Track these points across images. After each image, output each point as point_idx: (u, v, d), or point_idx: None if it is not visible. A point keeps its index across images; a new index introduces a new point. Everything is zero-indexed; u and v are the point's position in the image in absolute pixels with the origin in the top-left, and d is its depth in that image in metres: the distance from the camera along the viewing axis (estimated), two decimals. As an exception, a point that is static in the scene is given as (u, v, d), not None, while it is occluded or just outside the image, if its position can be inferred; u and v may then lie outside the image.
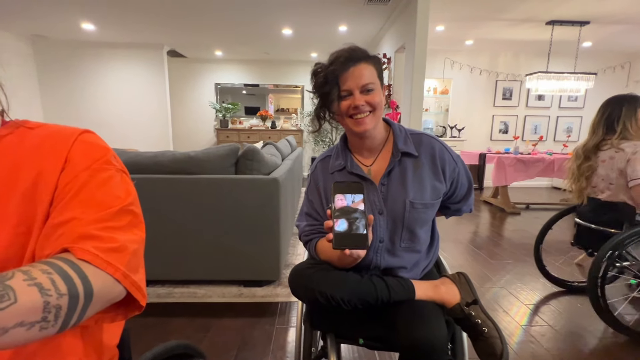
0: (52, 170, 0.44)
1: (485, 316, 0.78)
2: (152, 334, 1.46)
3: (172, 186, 1.73)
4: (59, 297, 0.33)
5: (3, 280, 0.32)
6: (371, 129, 0.81)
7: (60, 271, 0.35)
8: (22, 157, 0.45)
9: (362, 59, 0.77)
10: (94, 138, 0.49)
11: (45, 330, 0.33)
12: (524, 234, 2.97)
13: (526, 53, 5.13)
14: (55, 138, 0.46)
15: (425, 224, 0.85)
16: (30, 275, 0.33)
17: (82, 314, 0.36)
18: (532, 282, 2.03)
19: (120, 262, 0.41)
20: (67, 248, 0.39)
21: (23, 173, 0.44)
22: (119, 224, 0.44)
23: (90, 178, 0.44)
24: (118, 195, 0.46)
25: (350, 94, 0.78)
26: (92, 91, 5.06)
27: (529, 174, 3.77)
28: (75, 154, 0.46)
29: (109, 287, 0.39)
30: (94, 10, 3.57)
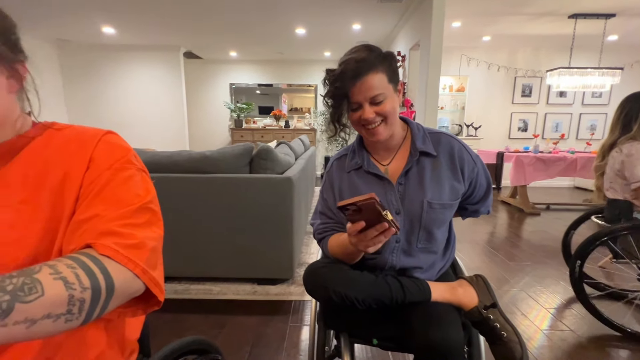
0: (78, 169, 0.46)
1: (504, 320, 0.76)
2: (169, 329, 1.50)
3: (188, 185, 1.76)
4: (82, 290, 0.35)
5: (31, 273, 0.33)
6: (388, 136, 0.80)
7: (83, 266, 0.37)
8: (51, 157, 0.47)
9: (370, 68, 0.72)
10: (116, 139, 0.51)
11: (70, 322, 0.34)
12: (544, 235, 2.87)
13: (547, 48, 4.96)
14: (80, 139, 0.49)
15: (442, 225, 0.83)
16: (56, 270, 0.35)
17: (104, 307, 0.37)
18: (553, 284, 1.96)
19: (139, 259, 0.42)
20: (90, 244, 0.41)
21: (52, 172, 0.46)
22: (139, 221, 0.45)
23: (112, 177, 0.46)
24: (138, 193, 0.47)
25: (360, 106, 0.76)
26: (112, 93, 5.23)
27: (550, 174, 3.65)
28: (99, 154, 0.48)
29: (129, 282, 0.40)
30: (115, 14, 3.68)
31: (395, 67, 0.79)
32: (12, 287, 0.31)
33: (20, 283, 0.32)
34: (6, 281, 0.32)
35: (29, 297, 0.32)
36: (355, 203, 0.60)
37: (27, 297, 0.31)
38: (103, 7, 3.47)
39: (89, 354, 0.49)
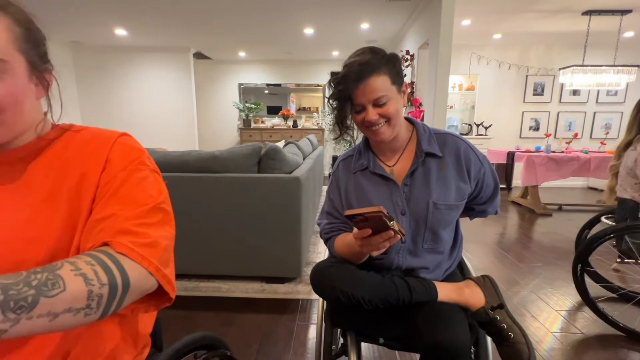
0: (95, 170, 0.48)
1: (511, 321, 0.75)
2: (180, 325, 1.53)
3: (197, 184, 1.79)
4: (100, 286, 0.37)
5: (53, 269, 0.35)
6: (391, 136, 0.81)
7: (101, 263, 0.39)
8: (70, 158, 0.49)
9: (373, 71, 0.73)
10: (131, 140, 0.53)
11: (88, 316, 0.36)
12: (556, 237, 2.82)
13: (560, 46, 4.86)
14: (97, 141, 0.51)
15: (448, 225, 0.83)
16: (77, 266, 0.37)
17: (120, 302, 0.39)
18: (564, 287, 1.93)
19: (153, 257, 0.44)
20: (107, 242, 0.43)
21: (70, 172, 0.48)
22: (152, 221, 0.47)
23: (127, 177, 0.48)
24: (151, 193, 0.49)
25: (363, 108, 0.77)
26: (124, 93, 5.33)
27: (562, 174, 3.58)
28: (114, 156, 0.50)
29: (143, 279, 0.42)
30: (127, 16, 3.75)
31: (399, 69, 0.79)
32: (37, 282, 0.33)
33: (44, 278, 0.34)
34: (31, 276, 0.33)
35: (52, 291, 0.33)
36: (363, 214, 0.61)
37: (51, 292, 0.33)
38: (116, 10, 3.54)
39: (105, 346, 0.51)
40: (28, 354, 0.45)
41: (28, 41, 0.45)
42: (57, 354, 0.46)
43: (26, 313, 0.32)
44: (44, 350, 0.45)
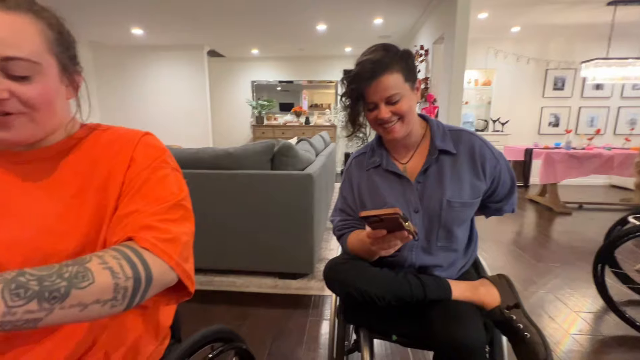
0: (120, 168, 0.51)
1: (528, 321, 0.74)
2: (195, 318, 1.57)
3: (212, 181, 1.82)
4: (126, 279, 0.39)
5: (83, 263, 0.38)
6: (405, 134, 0.80)
7: (127, 258, 0.41)
8: (97, 156, 0.52)
9: (386, 69, 0.73)
10: (153, 140, 0.56)
11: (114, 307, 0.39)
12: (576, 236, 2.74)
13: (582, 38, 4.66)
14: (122, 140, 0.53)
15: (463, 223, 0.82)
16: (104, 260, 0.39)
17: (144, 295, 0.41)
18: (584, 287, 1.88)
19: (174, 252, 0.46)
20: (132, 237, 0.45)
21: (98, 170, 0.51)
22: (174, 217, 0.49)
23: (150, 175, 0.51)
24: (173, 191, 0.51)
25: (376, 106, 0.77)
26: (140, 92, 5.46)
27: (583, 171, 3.45)
28: (138, 154, 0.52)
29: (165, 273, 0.44)
30: (143, 16, 3.83)
31: (412, 66, 0.78)
32: (69, 275, 0.35)
33: (75, 271, 0.36)
34: (63, 269, 0.36)
35: (83, 283, 0.36)
36: (378, 215, 0.62)
37: (81, 284, 0.36)
38: (134, 9, 3.62)
39: (129, 336, 0.54)
40: (60, 340, 0.47)
41: (60, 44, 0.48)
42: (85, 341, 0.49)
43: (59, 303, 0.34)
44: (73, 337, 0.48)
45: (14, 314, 0.32)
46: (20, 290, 0.32)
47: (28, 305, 0.32)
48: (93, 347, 0.50)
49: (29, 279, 0.33)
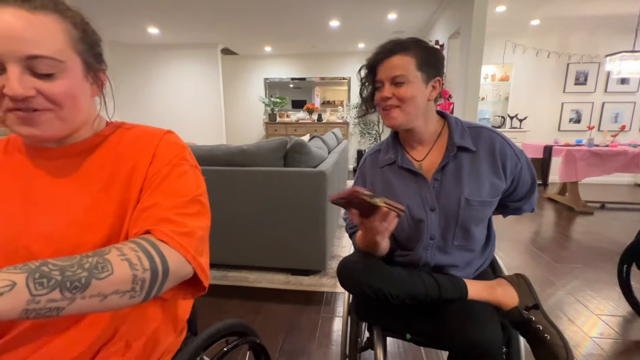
0: (144, 164, 0.53)
1: (547, 322, 0.72)
2: (210, 312, 1.60)
3: (226, 177, 1.85)
4: (143, 271, 0.40)
5: (102, 254, 0.39)
6: (403, 124, 0.79)
7: (144, 250, 0.42)
8: (122, 152, 0.54)
9: (400, 50, 0.75)
10: (175, 138, 0.58)
11: (133, 298, 0.40)
12: (598, 237, 2.64)
13: (606, 30, 4.47)
14: (146, 137, 0.56)
15: (480, 222, 0.80)
16: (122, 252, 0.40)
17: (160, 287, 0.42)
18: (605, 290, 1.81)
19: (190, 245, 0.47)
20: (150, 230, 0.46)
21: (123, 165, 0.53)
22: (190, 211, 0.50)
23: (170, 171, 0.52)
24: (190, 187, 0.53)
25: (382, 85, 0.78)
26: (155, 90, 5.57)
27: (606, 169, 3.31)
28: (160, 151, 0.54)
29: (181, 266, 0.45)
30: (159, 15, 3.90)
31: (434, 61, 0.77)
32: (89, 265, 0.37)
33: (95, 262, 0.37)
34: (84, 260, 0.37)
35: (102, 274, 0.37)
36: (341, 197, 0.64)
37: (101, 275, 0.37)
38: (151, 9, 3.69)
39: (149, 326, 0.56)
40: (83, 329, 0.49)
41: (84, 43, 0.49)
42: (107, 330, 0.51)
43: (80, 293, 0.35)
44: (96, 327, 0.50)
45: (38, 302, 0.33)
46: (44, 279, 0.33)
47: (51, 294, 0.33)
48: (115, 336, 0.52)
49: (52, 268, 0.35)
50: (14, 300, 0.32)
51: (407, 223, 0.81)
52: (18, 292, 0.32)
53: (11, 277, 0.32)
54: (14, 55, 0.42)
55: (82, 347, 0.48)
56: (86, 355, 0.49)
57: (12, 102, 0.43)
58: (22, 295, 0.32)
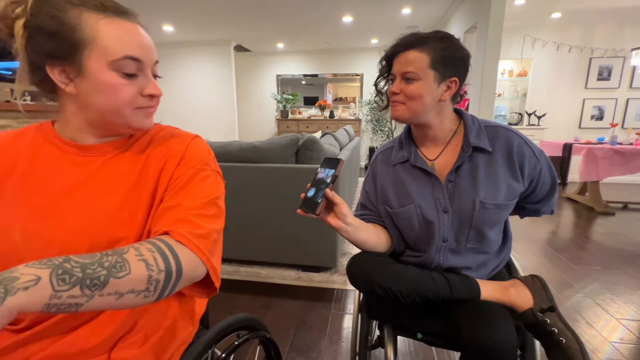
0: (172, 164, 0.56)
1: (563, 325, 0.70)
2: (221, 306, 1.62)
3: (239, 174, 1.87)
4: (159, 272, 0.41)
5: (121, 253, 0.40)
6: (407, 119, 0.78)
7: (160, 251, 0.43)
8: (153, 153, 0.57)
9: (417, 44, 0.73)
10: (202, 143, 0.61)
11: (147, 298, 0.41)
12: (620, 238, 2.54)
13: (632, 23, 4.26)
14: (176, 140, 0.59)
15: (495, 225, 0.78)
16: (140, 252, 0.41)
17: (173, 288, 0.44)
18: (627, 293, 1.74)
19: (205, 247, 0.48)
20: (168, 231, 0.48)
21: (153, 165, 0.55)
22: (208, 213, 0.52)
23: (194, 175, 0.55)
24: (210, 190, 0.55)
25: (394, 79, 0.77)
26: (169, 87, 5.66)
27: (630, 169, 3.18)
28: (188, 154, 0.57)
29: (195, 267, 0.47)
30: (174, 12, 3.96)
31: (451, 59, 0.73)
32: (108, 264, 0.38)
33: (114, 261, 0.39)
34: (104, 258, 0.38)
35: (120, 273, 0.38)
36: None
37: (119, 274, 0.38)
38: (166, 7, 3.74)
39: (167, 320, 0.58)
40: (103, 320, 0.51)
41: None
42: (127, 322, 0.53)
43: (99, 290, 0.36)
44: (116, 318, 0.52)
45: (59, 297, 0.34)
46: (66, 276, 0.35)
47: (72, 291, 0.35)
48: (133, 329, 0.54)
49: (74, 265, 0.36)
50: (38, 295, 0.33)
51: (418, 223, 0.79)
52: (42, 287, 0.33)
53: (36, 272, 0.33)
54: (151, 61, 0.53)
55: (101, 338, 0.50)
56: (105, 345, 0.51)
57: (151, 100, 0.53)
58: (45, 290, 0.33)
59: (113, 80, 0.48)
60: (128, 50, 0.48)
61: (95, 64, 0.47)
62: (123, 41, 0.48)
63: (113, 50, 0.47)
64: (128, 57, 0.48)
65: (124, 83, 0.49)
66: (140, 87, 0.51)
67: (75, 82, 0.48)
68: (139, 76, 0.51)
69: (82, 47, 0.46)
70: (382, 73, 0.82)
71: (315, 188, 0.72)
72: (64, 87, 0.48)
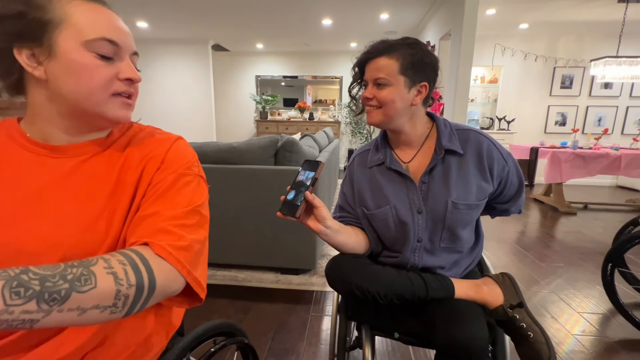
0: (152, 168, 0.52)
1: (531, 320, 0.74)
2: (197, 312, 1.57)
3: (216, 175, 1.82)
4: (128, 287, 0.38)
5: (88, 265, 0.37)
6: (382, 124, 0.80)
7: (132, 264, 0.40)
8: (131, 155, 0.52)
9: (386, 51, 0.75)
10: (185, 145, 0.57)
11: (113, 314, 0.38)
12: (580, 237, 2.72)
13: (592, 36, 4.59)
14: (156, 142, 0.55)
15: (468, 225, 0.81)
16: (110, 264, 0.38)
17: (144, 304, 0.41)
18: (587, 288, 1.86)
19: (186, 260, 0.46)
20: (147, 242, 0.44)
21: (131, 169, 0.51)
22: (189, 223, 0.49)
23: (175, 181, 0.51)
24: (192, 198, 0.52)
25: (366, 85, 0.80)
26: (145, 86, 5.45)
27: (590, 171, 3.41)
28: (170, 157, 0.53)
29: (171, 282, 0.44)
30: (148, 8, 3.82)
31: (420, 64, 0.76)
32: (72, 277, 0.34)
33: (79, 273, 0.35)
34: (67, 270, 0.35)
35: (84, 287, 0.35)
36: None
37: (83, 288, 0.35)
38: (138, 1, 3.61)
39: (141, 334, 0.54)
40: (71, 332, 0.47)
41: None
42: (96, 337, 0.49)
43: (58, 305, 0.33)
44: (84, 331, 0.48)
45: (11, 312, 0.30)
46: (21, 289, 0.31)
47: (26, 305, 0.31)
48: (104, 344, 0.50)
49: (32, 277, 0.32)
50: None
51: (394, 224, 0.81)
52: None
53: None
54: (129, 49, 0.50)
55: (68, 350, 0.46)
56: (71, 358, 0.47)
57: (126, 85, 0.50)
58: None
59: (87, 60, 0.45)
60: (105, 32, 0.46)
61: (68, 43, 0.44)
62: (99, 23, 0.46)
63: (88, 30, 0.45)
64: (105, 39, 0.46)
65: (100, 65, 0.46)
66: (117, 70, 0.48)
67: (45, 64, 0.44)
68: (116, 61, 0.48)
69: (53, 26, 0.43)
70: (355, 79, 0.85)
71: (295, 191, 0.71)
72: (31, 71, 0.44)
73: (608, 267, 1.45)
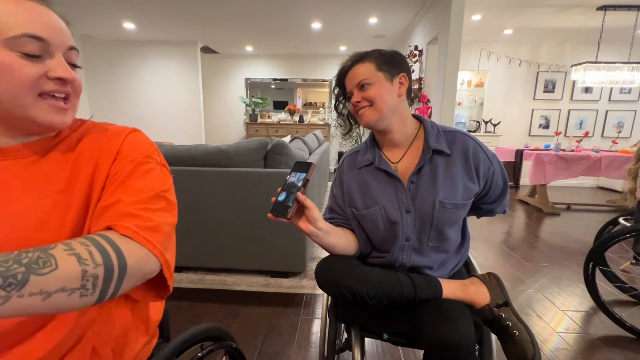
0: (107, 161, 0.50)
1: (516, 319, 0.75)
2: (186, 317, 1.55)
3: (204, 178, 1.80)
4: (95, 266, 0.37)
5: (46, 249, 0.35)
6: (378, 121, 0.81)
7: (96, 244, 0.39)
8: (84, 150, 0.51)
9: (358, 60, 0.81)
10: (140, 136, 0.55)
11: (85, 297, 0.36)
12: (564, 237, 2.79)
13: (573, 42, 4.75)
14: (110, 135, 0.53)
15: (454, 224, 0.82)
16: (70, 247, 0.37)
17: (118, 285, 0.39)
18: (571, 287, 1.91)
19: (156, 240, 0.44)
20: (111, 225, 0.43)
21: (85, 164, 0.50)
22: (155, 207, 0.48)
23: (134, 169, 0.50)
24: (156, 184, 0.51)
25: (352, 94, 0.83)
26: (132, 87, 5.37)
27: (572, 173, 3.52)
28: (125, 148, 0.52)
29: (143, 261, 0.42)
30: (135, 9, 3.77)
31: (390, 59, 0.81)
32: (28, 260, 0.33)
33: (35, 257, 0.34)
34: (22, 255, 0.33)
35: (43, 269, 0.33)
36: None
37: (42, 270, 0.33)
38: (125, 3, 3.55)
39: (118, 330, 0.53)
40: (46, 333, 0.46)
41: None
42: (72, 334, 0.48)
43: (16, 290, 0.31)
44: (60, 330, 0.47)
45: None
46: None
47: None
48: (80, 342, 0.49)
49: None
50: None
51: (383, 224, 0.82)
52: None
53: None
54: (61, 44, 0.46)
55: (43, 352, 0.45)
56: None
57: (57, 85, 0.45)
58: None
59: (9, 59, 0.41)
60: (28, 28, 0.42)
61: None
62: (20, 18, 0.42)
63: (7, 26, 0.41)
64: (29, 36, 0.42)
65: (24, 64, 0.42)
66: (45, 69, 0.44)
67: None
68: (46, 59, 0.44)
69: None
70: (338, 97, 0.90)
71: (286, 192, 0.71)
72: None
73: (589, 266, 1.49)
